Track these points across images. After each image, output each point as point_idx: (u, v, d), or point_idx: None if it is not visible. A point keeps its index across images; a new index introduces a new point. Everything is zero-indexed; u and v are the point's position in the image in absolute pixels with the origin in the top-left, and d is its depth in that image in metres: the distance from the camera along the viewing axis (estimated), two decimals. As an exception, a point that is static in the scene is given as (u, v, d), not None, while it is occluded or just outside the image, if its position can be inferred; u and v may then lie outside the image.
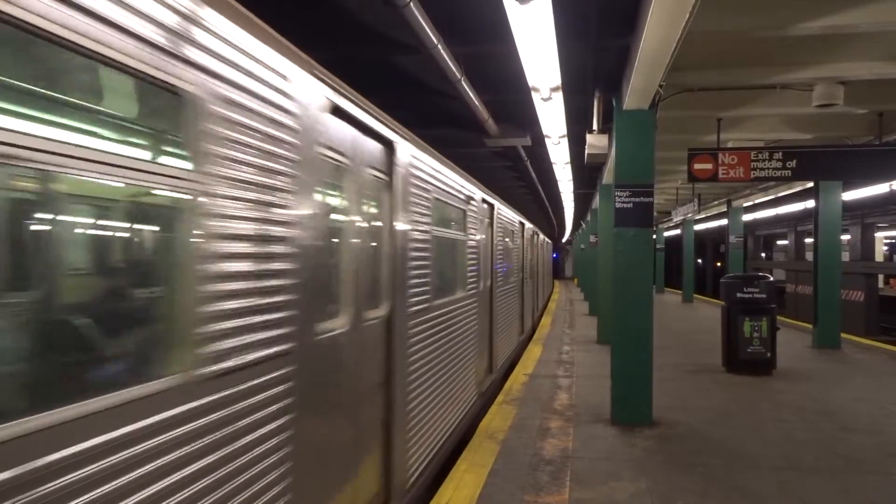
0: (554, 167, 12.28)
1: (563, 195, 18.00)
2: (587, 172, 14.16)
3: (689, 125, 10.11)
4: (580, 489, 4.77)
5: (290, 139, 2.58)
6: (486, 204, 8.05)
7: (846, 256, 26.36)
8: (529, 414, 6.95)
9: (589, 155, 8.43)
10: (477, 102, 7.99)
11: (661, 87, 6.25)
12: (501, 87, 8.04)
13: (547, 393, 8.04)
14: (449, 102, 8.46)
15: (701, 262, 47.29)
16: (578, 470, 5.18)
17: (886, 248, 39.52)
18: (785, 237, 39.11)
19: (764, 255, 46.50)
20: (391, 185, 4.06)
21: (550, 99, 6.65)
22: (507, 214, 10.09)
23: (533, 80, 6.07)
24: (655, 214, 19.35)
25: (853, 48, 6.81)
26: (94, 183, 1.69)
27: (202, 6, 2.04)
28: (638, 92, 6.23)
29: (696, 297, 26.61)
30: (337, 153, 3.17)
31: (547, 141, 9.25)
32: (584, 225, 25.55)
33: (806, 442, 6.02)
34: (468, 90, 7.31)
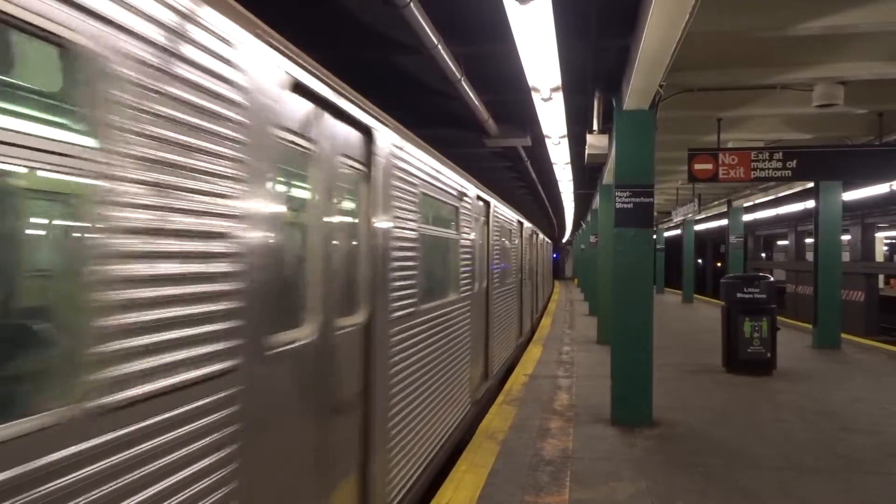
0: (554, 167, 12.29)
1: (563, 195, 18.00)
2: (587, 173, 14.17)
3: (689, 125, 10.12)
4: (580, 489, 4.77)
5: (235, 117, 2.17)
6: (481, 201, 7.70)
7: (846, 257, 26.35)
8: (529, 414, 6.95)
9: (589, 155, 8.43)
10: (477, 102, 8.00)
11: (661, 87, 6.25)
12: (501, 87, 8.05)
13: (547, 393, 8.04)
14: (449, 103, 8.47)
15: (701, 262, 47.30)
16: (578, 470, 5.18)
17: (886, 248, 39.53)
18: (785, 237, 39.12)
19: (764, 255, 46.51)
20: (370, 176, 3.64)
21: (550, 99, 6.65)
22: (504, 212, 9.72)
23: (533, 80, 6.07)
24: (655, 214, 19.33)
25: (853, 48, 6.81)
26: None
27: None
28: (638, 92, 6.23)
29: (696, 297, 26.61)
30: (300, 137, 2.76)
31: (547, 141, 9.25)
32: (584, 225, 25.55)
33: (806, 442, 6.02)
34: (468, 90, 7.31)
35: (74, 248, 1.66)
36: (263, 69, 2.40)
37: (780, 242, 45.38)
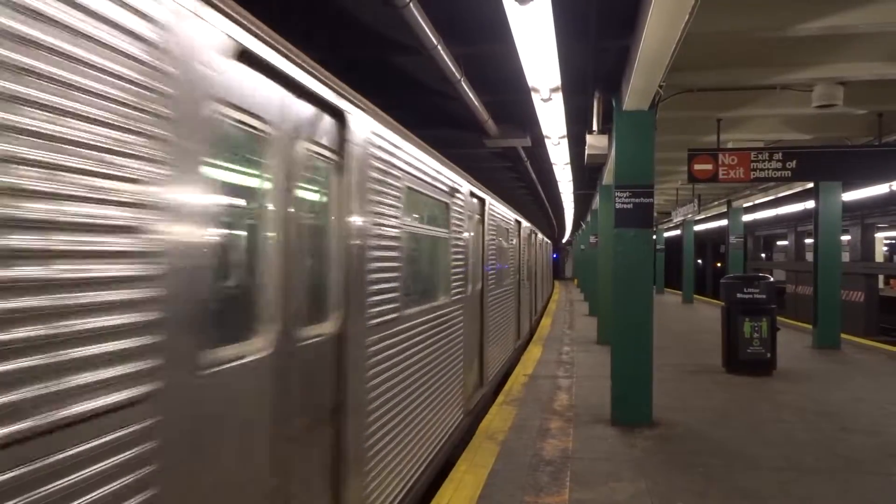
0: (554, 168, 12.30)
1: (563, 196, 18.01)
2: (587, 173, 14.18)
3: (688, 126, 10.12)
4: (580, 489, 4.77)
5: (155, 85, 1.78)
6: (475, 198, 7.24)
7: (846, 257, 26.37)
8: (529, 414, 6.95)
9: (589, 156, 8.44)
10: (476, 103, 8.00)
11: (660, 87, 6.25)
12: (501, 87, 8.05)
13: (547, 393, 8.04)
14: (449, 103, 8.47)
15: (701, 262, 47.31)
16: (578, 470, 5.18)
17: (886, 248, 39.55)
18: (785, 238, 39.14)
19: (764, 255, 46.53)
20: (342, 166, 3.21)
21: (550, 99, 6.66)
22: (500, 211, 9.26)
23: (533, 80, 6.08)
24: (655, 215, 19.34)
25: (853, 48, 6.81)
26: None
27: None
28: (638, 92, 6.23)
29: (696, 297, 26.62)
30: (250, 117, 2.38)
31: (547, 141, 9.26)
32: (583, 225, 25.56)
33: (806, 442, 6.02)
34: (468, 91, 7.32)
35: None
36: (197, 30, 2.00)
37: (779, 243, 45.40)
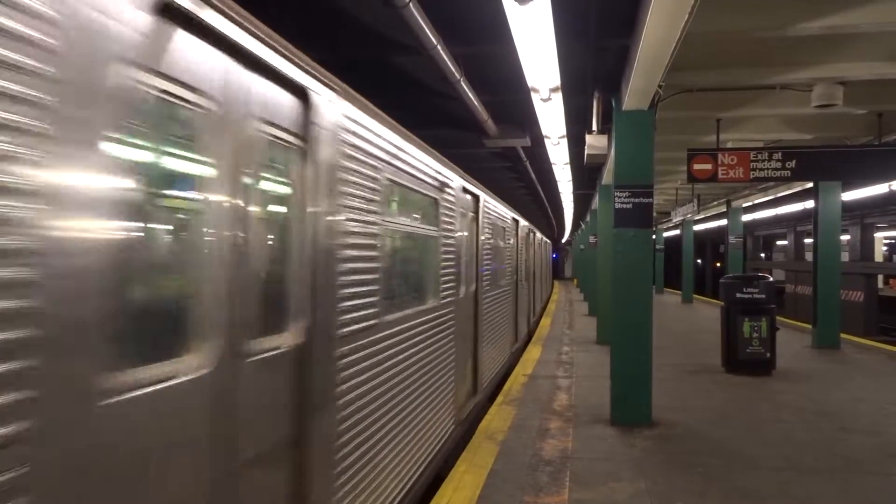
0: (553, 168, 12.29)
1: (562, 196, 18.01)
2: (587, 173, 14.18)
3: (688, 125, 10.12)
4: (580, 490, 4.77)
5: (26, 34, 1.41)
6: (468, 195, 6.85)
7: (846, 257, 26.38)
8: (529, 414, 6.95)
9: (588, 155, 8.43)
10: (476, 103, 8.00)
11: (660, 87, 6.25)
12: (501, 87, 8.05)
13: (546, 393, 8.04)
14: (448, 103, 8.47)
15: (700, 262, 47.33)
16: (578, 470, 5.18)
17: (886, 248, 39.57)
18: (784, 237, 39.15)
19: (763, 255, 46.55)
20: (308, 153, 2.82)
21: (550, 99, 6.65)
22: (496, 209, 8.84)
23: (532, 80, 6.07)
24: (655, 215, 19.34)
25: (853, 48, 6.81)
26: None
27: None
28: (637, 92, 6.23)
29: (695, 297, 26.63)
30: (182, 87, 1.98)
31: (546, 141, 9.25)
32: (583, 225, 25.57)
33: (805, 442, 6.02)
34: (467, 91, 7.31)
35: None
36: None
37: (779, 243, 45.43)
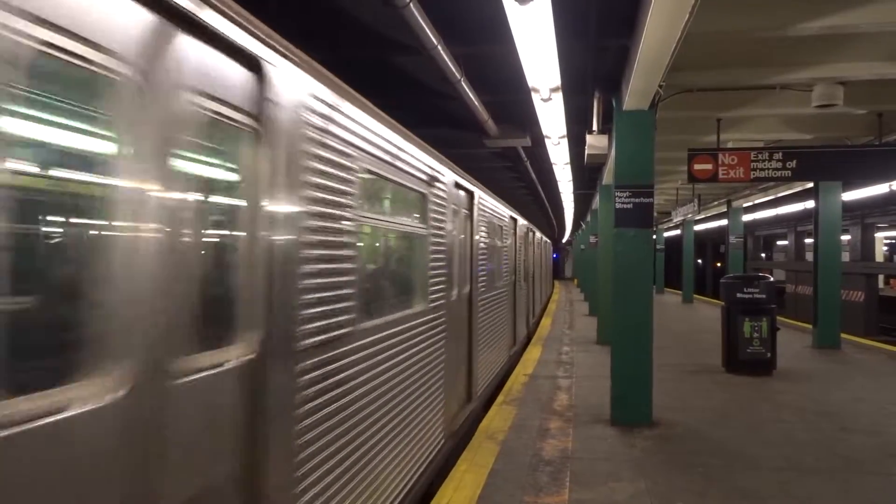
0: (554, 168, 12.29)
1: (562, 196, 18.01)
2: (587, 173, 14.18)
3: (688, 125, 10.12)
4: (580, 490, 4.77)
5: None
6: (461, 190, 6.44)
7: (846, 257, 26.37)
8: (529, 414, 6.95)
9: (589, 155, 8.44)
10: (476, 103, 8.00)
11: (660, 87, 6.26)
12: (501, 87, 8.05)
13: (547, 393, 8.04)
14: (449, 103, 8.47)
15: (701, 262, 47.32)
16: (578, 470, 5.18)
17: (886, 248, 39.55)
18: (785, 237, 39.14)
19: (764, 255, 46.53)
20: (262, 135, 2.41)
21: (550, 99, 6.65)
22: (492, 206, 8.40)
23: (532, 80, 6.07)
24: (655, 215, 19.33)
25: (853, 48, 6.81)
26: None
27: None
28: (637, 92, 6.23)
29: (695, 297, 26.62)
30: (84, 44, 1.58)
31: (547, 141, 9.25)
32: (583, 225, 25.56)
33: (806, 442, 6.01)
34: (468, 91, 7.31)
35: None
36: None
37: (779, 243, 45.41)
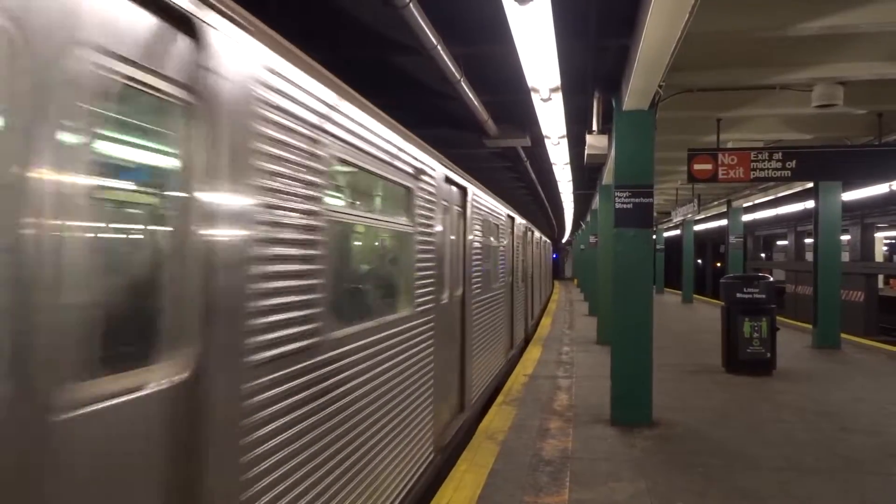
0: (553, 168, 12.29)
1: (562, 196, 18.01)
2: (587, 173, 14.18)
3: (688, 125, 10.12)
4: (580, 490, 4.77)
5: None
6: (453, 186, 6.04)
7: (846, 257, 26.37)
8: (529, 414, 6.95)
9: (589, 155, 8.43)
10: (476, 103, 8.00)
11: (660, 87, 6.25)
12: (501, 87, 8.05)
13: (546, 393, 8.04)
14: (448, 103, 8.47)
15: (701, 262, 47.33)
16: (578, 470, 5.18)
17: (886, 248, 39.55)
18: (785, 237, 39.14)
19: (764, 255, 46.54)
20: (199, 111, 1.99)
21: (550, 99, 6.65)
22: (487, 203, 8.00)
23: (532, 80, 6.07)
24: (655, 215, 19.34)
25: (853, 48, 6.81)
26: None
27: None
28: (637, 92, 6.23)
29: (695, 297, 26.62)
30: None
31: (546, 141, 9.25)
32: (583, 225, 25.56)
33: (806, 442, 6.01)
34: (467, 91, 7.31)
35: None
36: None
37: (779, 243, 45.41)
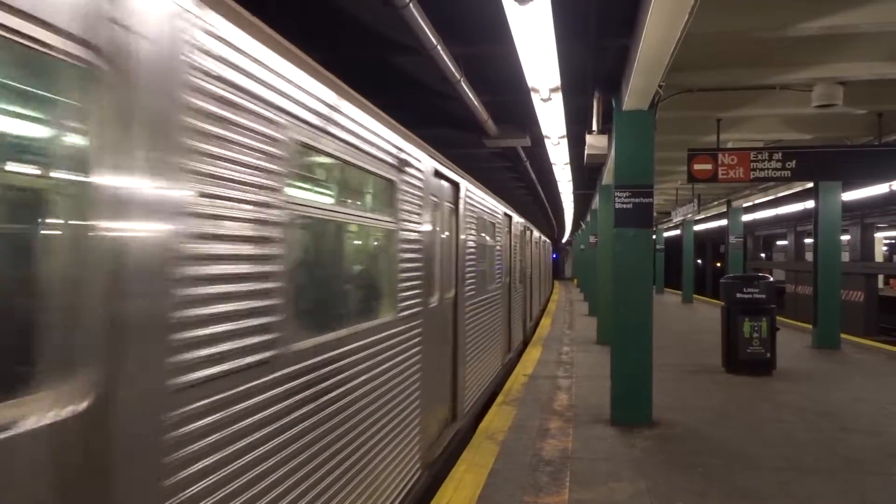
0: (553, 168, 12.29)
1: (562, 196, 18.01)
2: (587, 173, 14.17)
3: (688, 126, 10.12)
4: (580, 490, 4.77)
5: None
6: (443, 180, 5.68)
7: (846, 257, 26.37)
8: (529, 414, 6.95)
9: (588, 155, 8.43)
10: (476, 103, 7.99)
11: (660, 87, 6.25)
12: (501, 87, 8.05)
13: (546, 393, 8.04)
14: (448, 103, 8.47)
15: (700, 262, 47.32)
16: (578, 470, 5.18)
17: (886, 248, 39.56)
18: (784, 237, 39.14)
19: (763, 255, 46.54)
20: (109, 77, 1.61)
21: (550, 99, 6.65)
22: (482, 201, 7.60)
23: (532, 80, 6.07)
24: (655, 215, 19.35)
25: (853, 48, 6.81)
26: None
27: None
28: (637, 92, 6.23)
29: (695, 297, 26.63)
30: None
31: (546, 141, 9.25)
32: (583, 225, 25.56)
33: (806, 442, 6.01)
34: (468, 91, 7.31)
35: None
36: None
37: (779, 243, 45.41)
